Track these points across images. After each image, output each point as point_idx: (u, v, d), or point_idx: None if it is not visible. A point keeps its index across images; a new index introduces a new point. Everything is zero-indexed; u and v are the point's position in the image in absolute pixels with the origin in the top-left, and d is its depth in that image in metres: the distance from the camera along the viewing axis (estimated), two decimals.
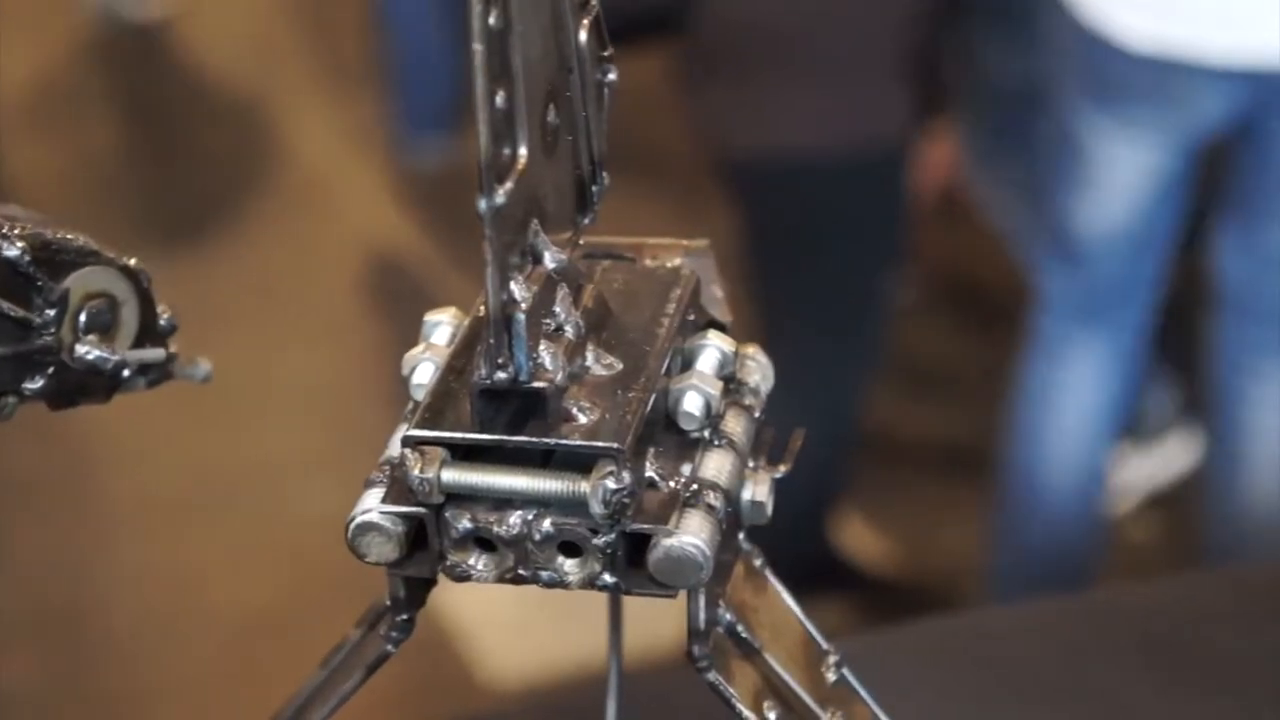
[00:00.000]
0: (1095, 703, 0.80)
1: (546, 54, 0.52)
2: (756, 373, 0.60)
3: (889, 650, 0.83)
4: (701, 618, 0.55)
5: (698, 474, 0.54)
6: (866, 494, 2.26)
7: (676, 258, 0.61)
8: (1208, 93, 1.64)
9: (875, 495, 2.29)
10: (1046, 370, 1.83)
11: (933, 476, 2.37)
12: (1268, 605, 0.87)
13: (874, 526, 2.26)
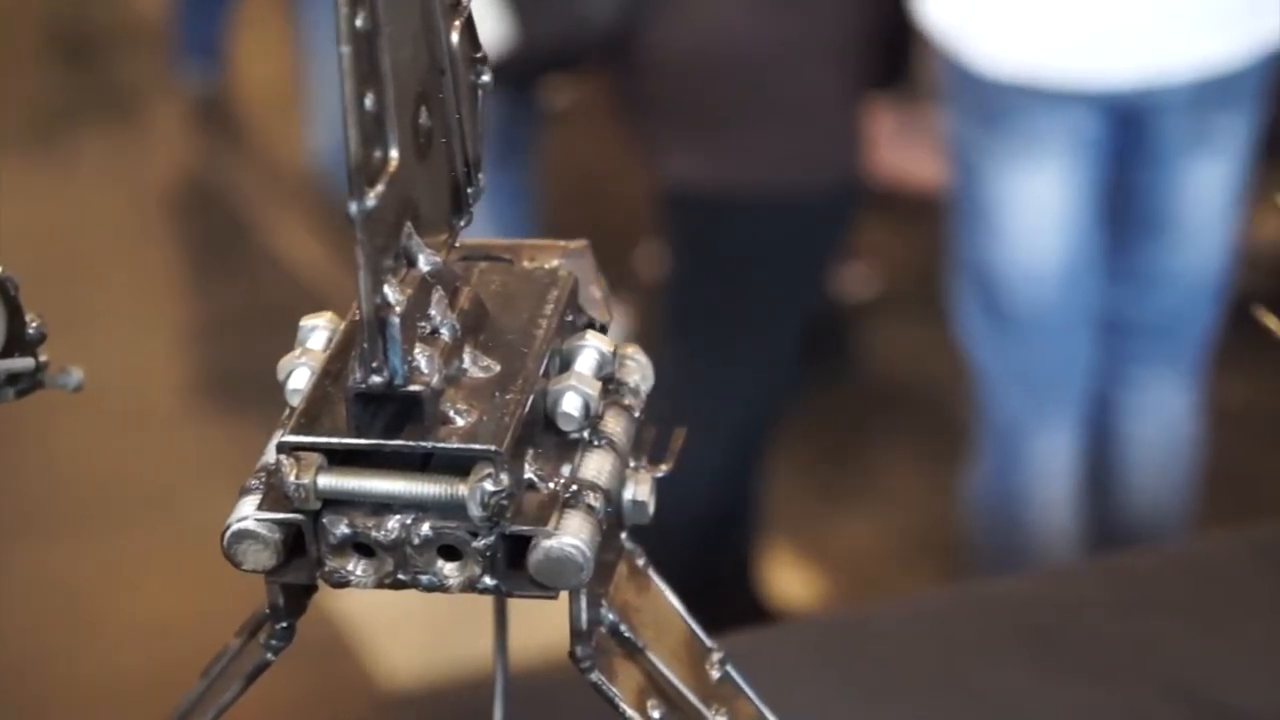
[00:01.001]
0: (977, 694, 0.81)
1: (417, 56, 0.51)
2: (636, 373, 0.60)
3: (774, 647, 0.84)
4: (583, 618, 0.55)
5: (577, 475, 0.54)
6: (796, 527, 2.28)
7: (554, 259, 0.61)
8: (1080, 111, 1.67)
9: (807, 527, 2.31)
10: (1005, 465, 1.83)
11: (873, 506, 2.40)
12: (1143, 593, 0.89)
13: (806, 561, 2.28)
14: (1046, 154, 1.69)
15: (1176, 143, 1.70)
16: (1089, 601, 0.89)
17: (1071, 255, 1.73)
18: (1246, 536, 0.97)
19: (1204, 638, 0.85)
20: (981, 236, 1.74)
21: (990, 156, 1.70)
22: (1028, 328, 1.76)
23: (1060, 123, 1.67)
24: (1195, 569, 0.92)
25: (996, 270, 1.74)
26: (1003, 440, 1.82)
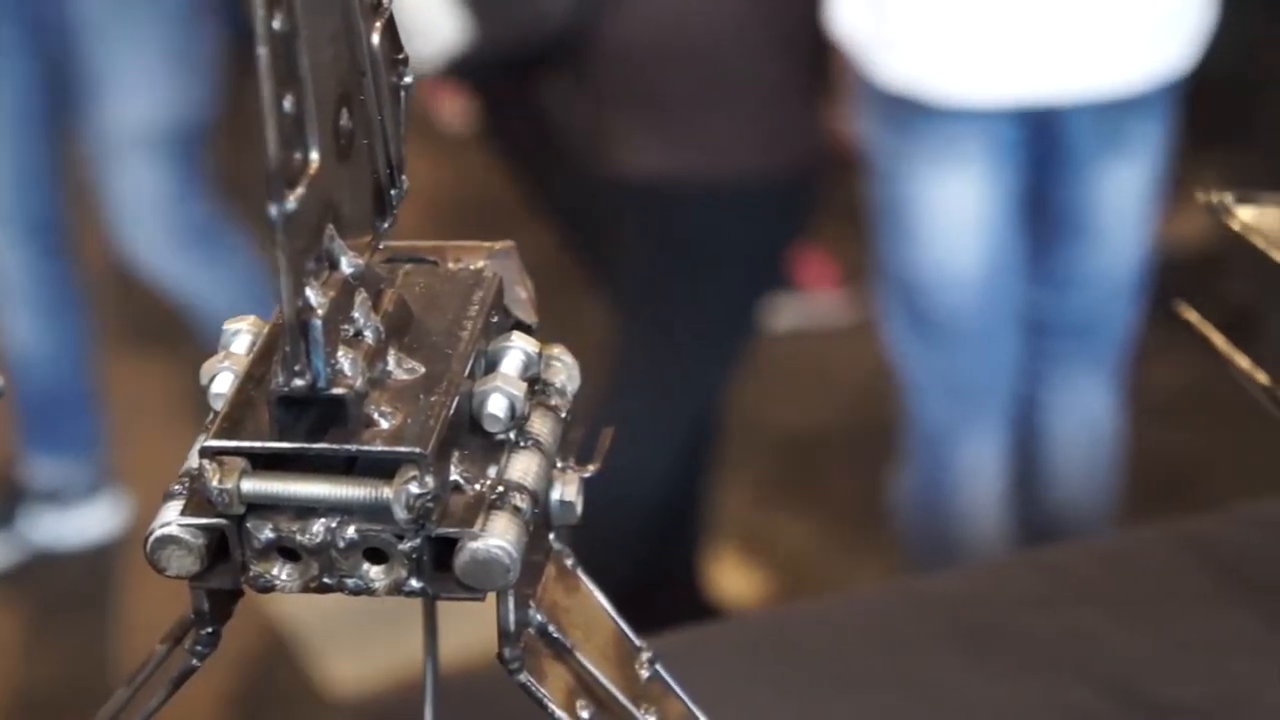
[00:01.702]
0: (911, 690, 0.82)
1: (337, 58, 0.51)
2: (562, 373, 0.60)
3: (709, 645, 0.84)
4: (511, 619, 0.55)
5: (504, 476, 0.54)
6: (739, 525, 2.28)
7: (480, 260, 0.60)
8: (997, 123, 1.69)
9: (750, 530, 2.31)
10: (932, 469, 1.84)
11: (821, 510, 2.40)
12: (1073, 587, 0.89)
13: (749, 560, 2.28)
14: (963, 159, 1.70)
15: (1090, 148, 1.72)
16: (1020, 596, 0.89)
17: (992, 259, 1.74)
18: (1173, 529, 0.98)
19: (1132, 630, 0.86)
20: (902, 243, 1.75)
21: (907, 163, 1.71)
22: (951, 332, 1.77)
23: (976, 128, 1.69)
24: (1123, 562, 0.93)
25: (918, 276, 1.76)
26: (930, 445, 1.83)
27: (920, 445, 1.85)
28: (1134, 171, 1.75)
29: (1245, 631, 0.85)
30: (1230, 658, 0.83)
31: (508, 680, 0.57)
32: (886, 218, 1.77)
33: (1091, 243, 1.77)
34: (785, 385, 2.69)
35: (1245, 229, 0.76)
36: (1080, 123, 1.70)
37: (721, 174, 1.83)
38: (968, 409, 1.82)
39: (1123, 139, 1.72)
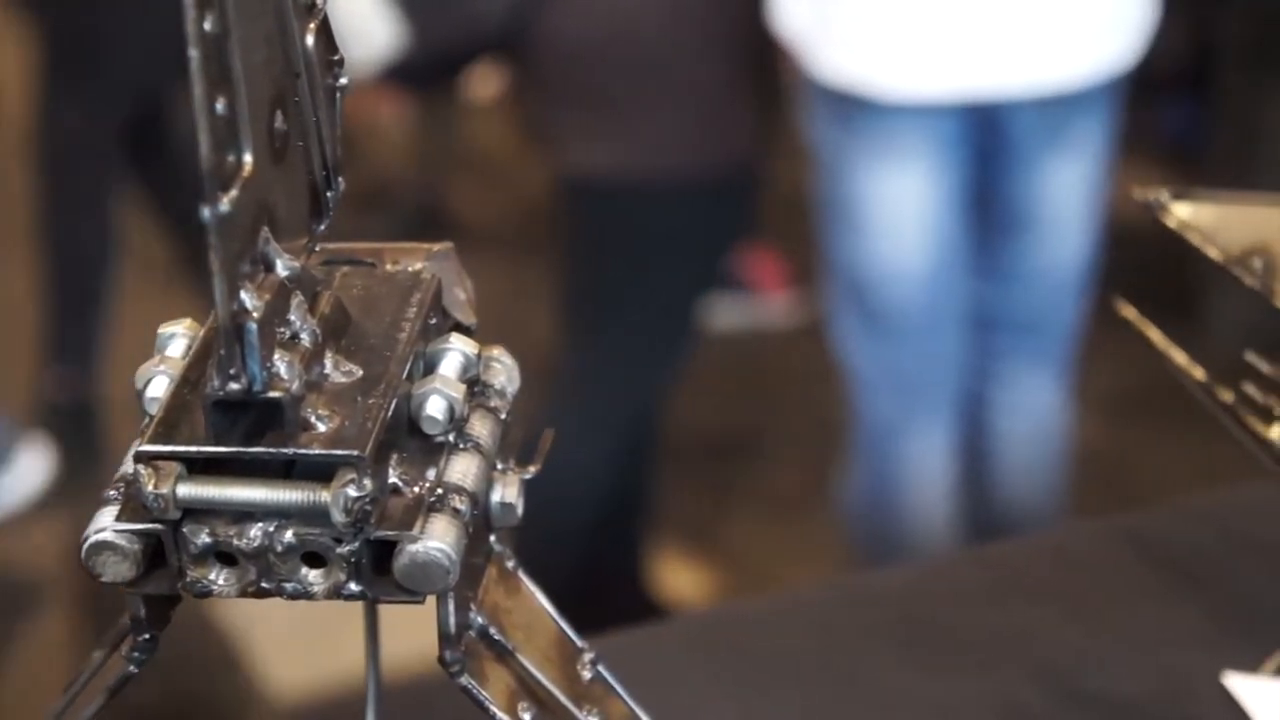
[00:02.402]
0: (854, 687, 0.82)
1: (271, 59, 0.51)
2: (502, 374, 0.60)
3: (653, 644, 0.84)
4: (452, 622, 0.55)
5: (443, 478, 0.54)
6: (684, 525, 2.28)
7: (418, 262, 0.60)
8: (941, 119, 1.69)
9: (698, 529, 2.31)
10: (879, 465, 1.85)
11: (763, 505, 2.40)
12: (1016, 582, 0.90)
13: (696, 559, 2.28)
14: (908, 155, 1.71)
15: (1034, 144, 1.73)
16: (963, 591, 0.90)
17: (938, 255, 1.75)
18: (1113, 524, 0.99)
19: (1071, 624, 0.87)
20: (849, 239, 1.76)
21: (853, 159, 1.72)
22: (898, 329, 1.78)
23: (920, 124, 1.69)
24: (1064, 557, 0.94)
25: (865, 272, 1.76)
26: (878, 441, 1.84)
27: (868, 441, 1.86)
28: (1078, 167, 1.76)
29: (1183, 624, 0.86)
30: (1168, 650, 0.84)
31: (450, 683, 0.57)
32: (833, 214, 1.78)
33: (1036, 238, 1.78)
34: (734, 384, 2.70)
35: (1182, 226, 0.77)
36: (1024, 119, 1.71)
37: (662, 172, 1.83)
38: (915, 404, 1.82)
39: (1066, 135, 1.73)
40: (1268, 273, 0.73)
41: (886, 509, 1.85)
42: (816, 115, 1.76)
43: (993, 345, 1.84)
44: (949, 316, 1.80)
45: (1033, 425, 1.88)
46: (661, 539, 2.23)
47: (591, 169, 1.84)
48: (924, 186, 1.72)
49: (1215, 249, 0.75)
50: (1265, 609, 0.86)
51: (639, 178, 1.83)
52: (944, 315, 1.79)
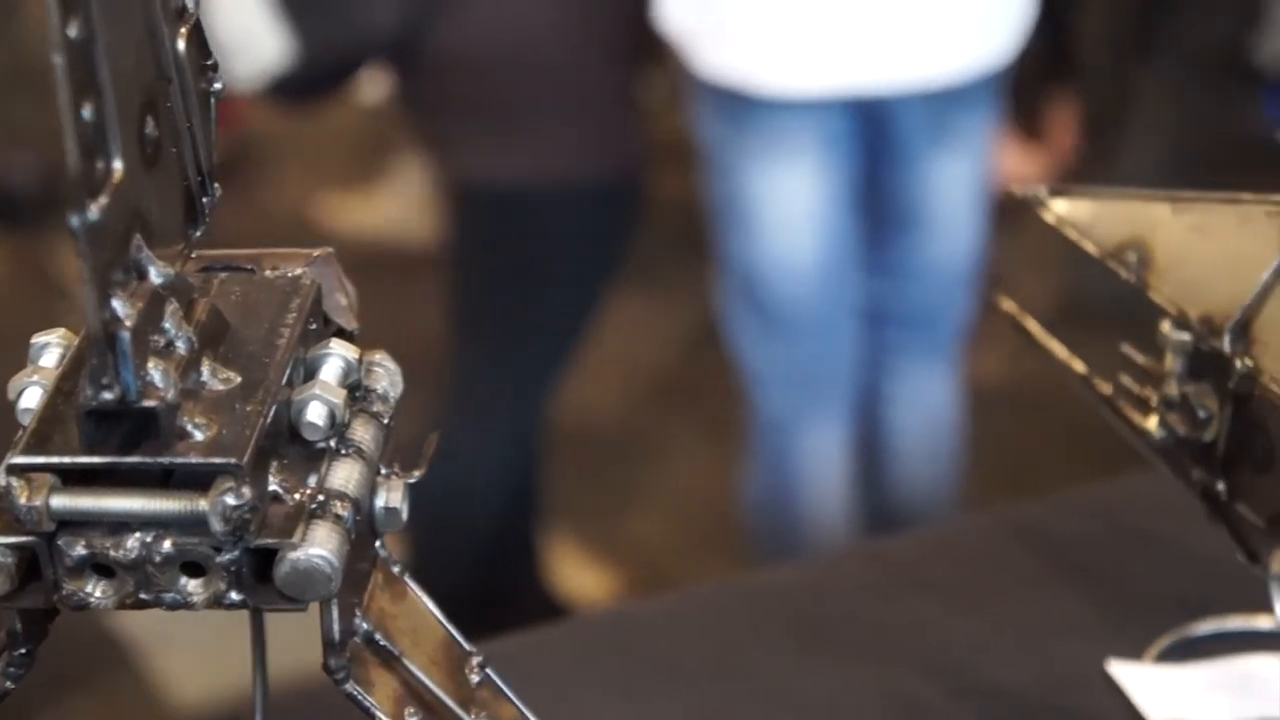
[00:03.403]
0: (748, 685, 0.82)
1: (140, 64, 0.50)
2: (384, 379, 0.59)
3: (544, 647, 0.84)
4: (335, 629, 0.55)
5: (324, 485, 0.54)
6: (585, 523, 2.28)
7: (298, 267, 0.60)
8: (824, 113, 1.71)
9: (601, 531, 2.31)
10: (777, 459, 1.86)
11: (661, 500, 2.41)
12: (906, 576, 0.91)
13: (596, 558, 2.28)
14: (796, 152, 1.72)
15: (919, 140, 1.75)
16: (854, 587, 0.91)
17: (828, 251, 1.77)
18: (1003, 516, 1.00)
19: (962, 616, 0.88)
20: (739, 236, 1.77)
21: (741, 156, 1.73)
22: (790, 323, 1.79)
23: (808, 123, 1.71)
24: (954, 550, 0.95)
25: (756, 268, 1.77)
26: (773, 435, 1.85)
27: (764, 436, 1.87)
28: (964, 163, 1.78)
29: (1070, 614, 0.87)
30: (1054, 640, 0.85)
31: (334, 691, 0.57)
32: (722, 211, 1.78)
33: (925, 233, 1.80)
34: (634, 384, 2.70)
35: (1060, 221, 0.78)
36: (909, 115, 1.72)
37: (553, 178, 1.83)
38: (809, 399, 1.84)
39: (951, 130, 1.75)
40: (1142, 266, 0.74)
41: (784, 503, 1.87)
42: (703, 112, 1.76)
43: (885, 340, 1.86)
44: (840, 311, 1.81)
45: (926, 418, 1.91)
46: (562, 539, 2.23)
47: (483, 176, 1.84)
48: (812, 183, 1.73)
49: (1091, 243, 0.76)
50: (1149, 598, 0.88)
51: (531, 184, 1.83)
52: (835, 310, 1.81)
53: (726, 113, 1.72)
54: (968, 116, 1.76)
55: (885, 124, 1.73)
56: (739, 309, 1.82)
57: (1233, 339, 0.71)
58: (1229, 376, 0.71)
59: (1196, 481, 0.75)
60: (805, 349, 1.81)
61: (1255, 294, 0.71)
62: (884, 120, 1.73)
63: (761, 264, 1.77)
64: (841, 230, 1.77)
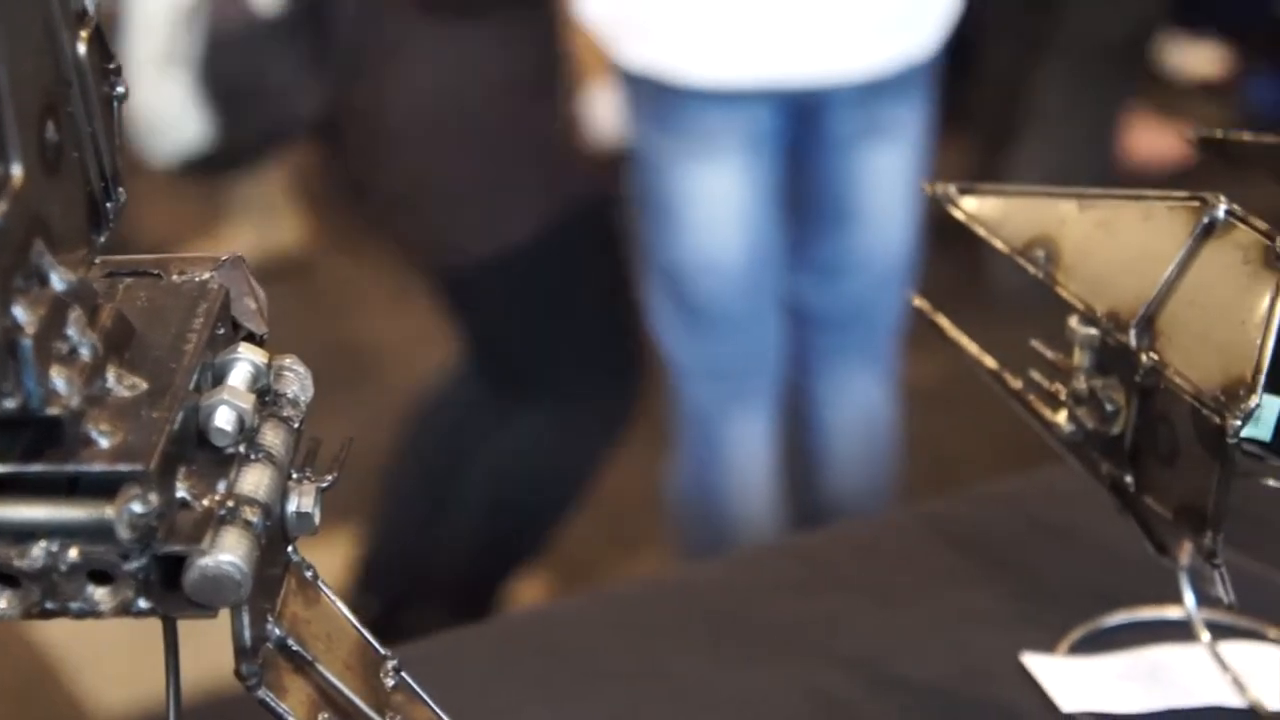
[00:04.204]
0: (663, 683, 0.82)
1: (40, 69, 0.50)
2: (294, 383, 0.59)
3: (463, 649, 0.84)
4: (247, 635, 0.55)
5: (234, 490, 0.54)
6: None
7: (206, 271, 0.59)
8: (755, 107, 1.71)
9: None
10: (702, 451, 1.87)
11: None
12: (825, 573, 0.91)
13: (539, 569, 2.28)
14: (722, 150, 1.72)
15: (849, 135, 1.75)
16: (773, 584, 0.91)
17: (752, 247, 1.77)
18: (920, 512, 1.01)
19: (880, 612, 0.88)
20: (665, 233, 1.77)
21: (668, 155, 1.73)
22: (713, 319, 1.79)
23: (734, 120, 1.71)
24: (872, 546, 0.96)
25: (681, 265, 1.78)
26: (698, 430, 1.85)
27: (688, 429, 1.87)
28: (895, 158, 1.79)
29: (984, 608, 0.88)
30: (969, 633, 0.86)
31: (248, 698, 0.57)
32: (647, 204, 1.79)
33: (857, 230, 1.80)
34: None
35: (969, 218, 0.79)
36: (838, 109, 1.73)
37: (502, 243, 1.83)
38: (733, 393, 1.84)
39: (881, 125, 1.76)
40: (1050, 262, 0.75)
41: (709, 495, 1.87)
42: (629, 105, 1.76)
43: (817, 339, 1.87)
44: (765, 306, 1.82)
45: (859, 417, 1.91)
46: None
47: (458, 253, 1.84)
48: (737, 181, 1.74)
49: (1000, 240, 0.77)
50: (1062, 590, 0.89)
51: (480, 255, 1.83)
52: (760, 305, 1.81)
53: (650, 105, 1.73)
54: (898, 110, 1.77)
55: (814, 119, 1.73)
56: (663, 303, 1.82)
57: (1138, 333, 0.72)
58: (1135, 370, 0.72)
59: (1105, 474, 0.76)
60: (729, 344, 1.81)
61: (1159, 289, 0.72)
62: (813, 115, 1.73)
63: (685, 260, 1.77)
64: (766, 227, 1.78)
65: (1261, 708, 0.80)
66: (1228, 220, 0.71)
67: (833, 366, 1.89)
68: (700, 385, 1.84)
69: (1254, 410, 0.68)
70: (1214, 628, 0.82)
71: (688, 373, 1.84)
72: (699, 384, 1.84)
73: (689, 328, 1.81)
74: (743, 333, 1.81)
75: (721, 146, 1.72)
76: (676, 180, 1.73)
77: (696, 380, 1.84)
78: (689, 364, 1.83)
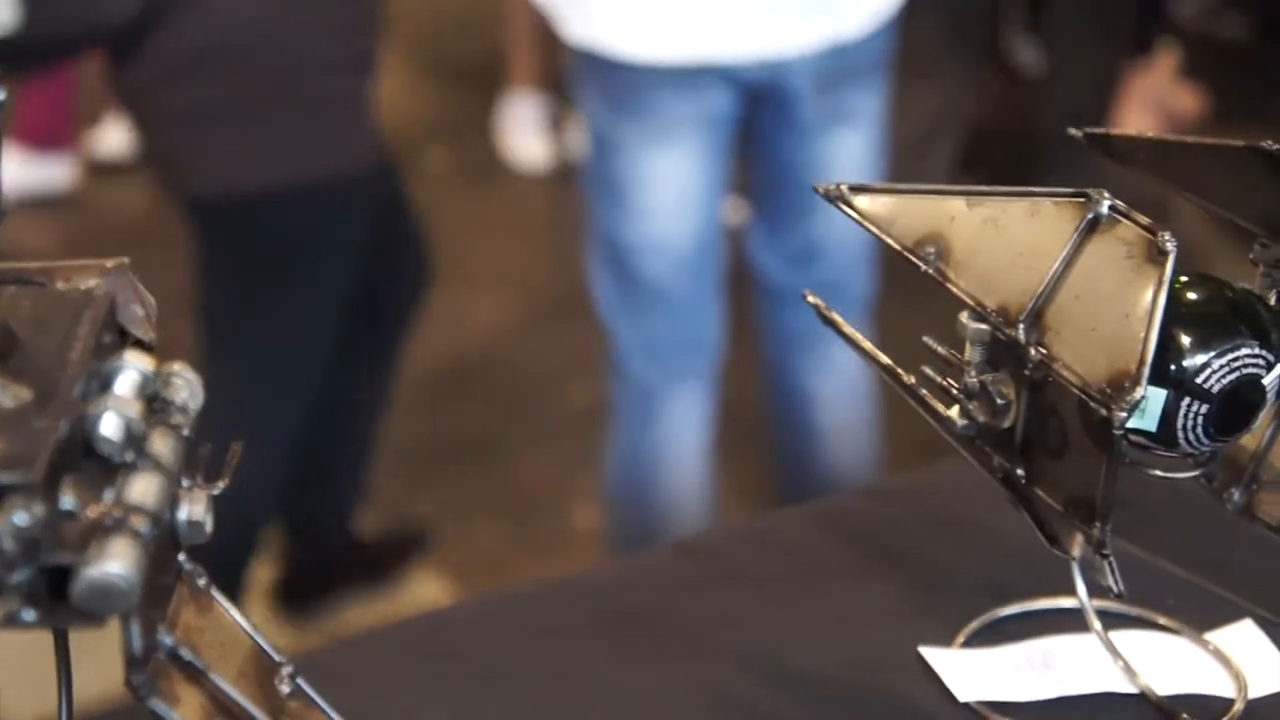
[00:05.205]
0: (565, 685, 0.82)
1: None
2: (184, 390, 0.59)
3: (360, 653, 0.84)
4: (136, 644, 0.54)
5: (121, 499, 0.53)
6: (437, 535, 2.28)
7: (92, 279, 0.59)
8: (712, 88, 1.73)
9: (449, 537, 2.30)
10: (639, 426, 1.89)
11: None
12: (721, 569, 0.92)
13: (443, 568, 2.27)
14: (676, 135, 1.75)
15: (809, 119, 1.79)
16: (669, 582, 0.91)
17: (701, 230, 1.80)
18: (817, 506, 1.02)
19: (778, 608, 0.89)
20: (613, 213, 1.80)
21: (621, 138, 1.76)
22: (654, 299, 1.83)
23: (689, 104, 1.74)
24: (769, 542, 0.96)
25: (627, 245, 1.81)
26: (634, 406, 1.88)
27: (626, 404, 1.90)
28: (856, 140, 1.83)
29: (882, 601, 0.89)
30: (868, 627, 0.87)
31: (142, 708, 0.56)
32: (599, 187, 1.81)
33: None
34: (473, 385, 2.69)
35: (862, 215, 0.80)
36: (798, 94, 1.76)
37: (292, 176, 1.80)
38: (670, 372, 1.87)
39: (841, 108, 1.79)
40: (940, 259, 0.76)
41: (642, 471, 1.90)
42: (589, 92, 1.78)
43: (794, 317, 1.90)
44: (706, 289, 1.85)
45: (842, 386, 1.95)
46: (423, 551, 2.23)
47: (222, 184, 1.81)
48: (692, 164, 1.77)
49: (892, 238, 0.78)
50: (958, 583, 0.90)
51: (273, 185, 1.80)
52: (701, 288, 1.84)
53: (598, 83, 1.75)
54: (857, 95, 1.80)
55: (775, 103, 1.76)
56: (605, 280, 1.85)
57: (1027, 328, 0.73)
58: (1024, 365, 0.73)
59: (998, 467, 0.77)
60: (668, 324, 1.85)
61: (1046, 284, 0.73)
62: (773, 99, 1.76)
63: (629, 240, 1.80)
64: (713, 212, 1.81)
65: (1151, 693, 0.82)
66: (1111, 216, 0.72)
67: (812, 343, 1.91)
68: (638, 362, 1.87)
69: (1139, 402, 0.69)
70: (1106, 616, 0.83)
71: (627, 349, 1.87)
72: (637, 361, 1.87)
73: (629, 306, 1.84)
74: (682, 314, 1.85)
75: (671, 130, 1.75)
76: (629, 164, 1.76)
77: (635, 357, 1.87)
78: (628, 341, 1.87)
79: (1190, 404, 0.72)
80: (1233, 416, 0.73)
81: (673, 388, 1.87)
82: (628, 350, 1.87)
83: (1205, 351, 0.72)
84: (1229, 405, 0.73)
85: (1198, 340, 0.72)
